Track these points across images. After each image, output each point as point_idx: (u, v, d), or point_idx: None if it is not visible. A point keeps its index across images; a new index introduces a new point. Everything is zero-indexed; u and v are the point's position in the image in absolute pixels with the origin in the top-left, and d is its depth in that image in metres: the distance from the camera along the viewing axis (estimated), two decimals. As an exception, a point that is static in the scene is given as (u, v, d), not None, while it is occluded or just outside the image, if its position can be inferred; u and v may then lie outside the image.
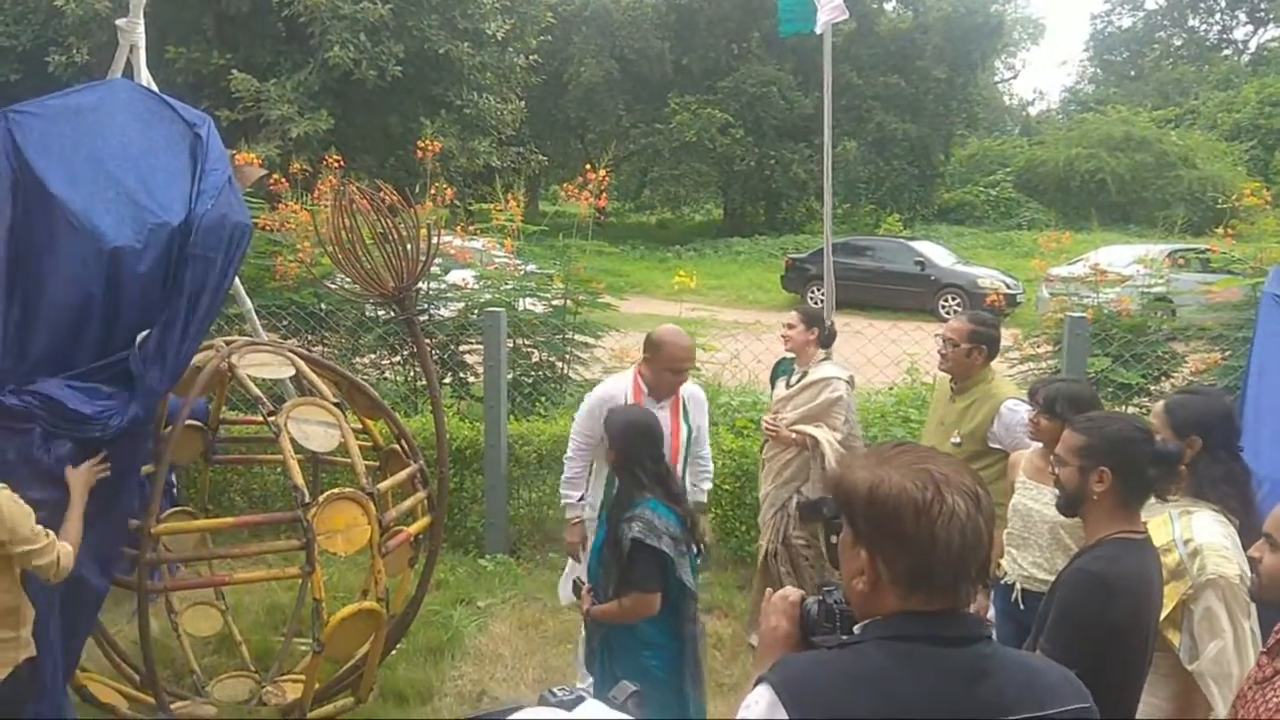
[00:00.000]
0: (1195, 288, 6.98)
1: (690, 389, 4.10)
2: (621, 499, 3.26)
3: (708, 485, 4.35)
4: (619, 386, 4.02)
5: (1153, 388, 6.25)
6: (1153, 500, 2.51)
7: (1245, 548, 2.51)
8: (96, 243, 2.81)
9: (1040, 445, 3.20)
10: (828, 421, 4.46)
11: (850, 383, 4.62)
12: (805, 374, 4.55)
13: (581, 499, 4.10)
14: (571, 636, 4.64)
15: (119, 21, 5.55)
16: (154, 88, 4.94)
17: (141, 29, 5.63)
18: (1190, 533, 2.51)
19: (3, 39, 22.76)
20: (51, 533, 2.63)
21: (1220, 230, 6.65)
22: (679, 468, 3.88)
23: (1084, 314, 5.53)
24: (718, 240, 28.49)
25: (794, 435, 4.43)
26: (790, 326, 4.56)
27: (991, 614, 3.42)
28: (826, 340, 4.68)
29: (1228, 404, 2.77)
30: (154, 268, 2.94)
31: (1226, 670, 2.36)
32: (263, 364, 3.72)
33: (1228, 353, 5.98)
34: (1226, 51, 44.05)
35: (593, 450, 4.01)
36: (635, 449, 3.25)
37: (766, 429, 4.58)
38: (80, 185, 2.90)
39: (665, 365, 3.84)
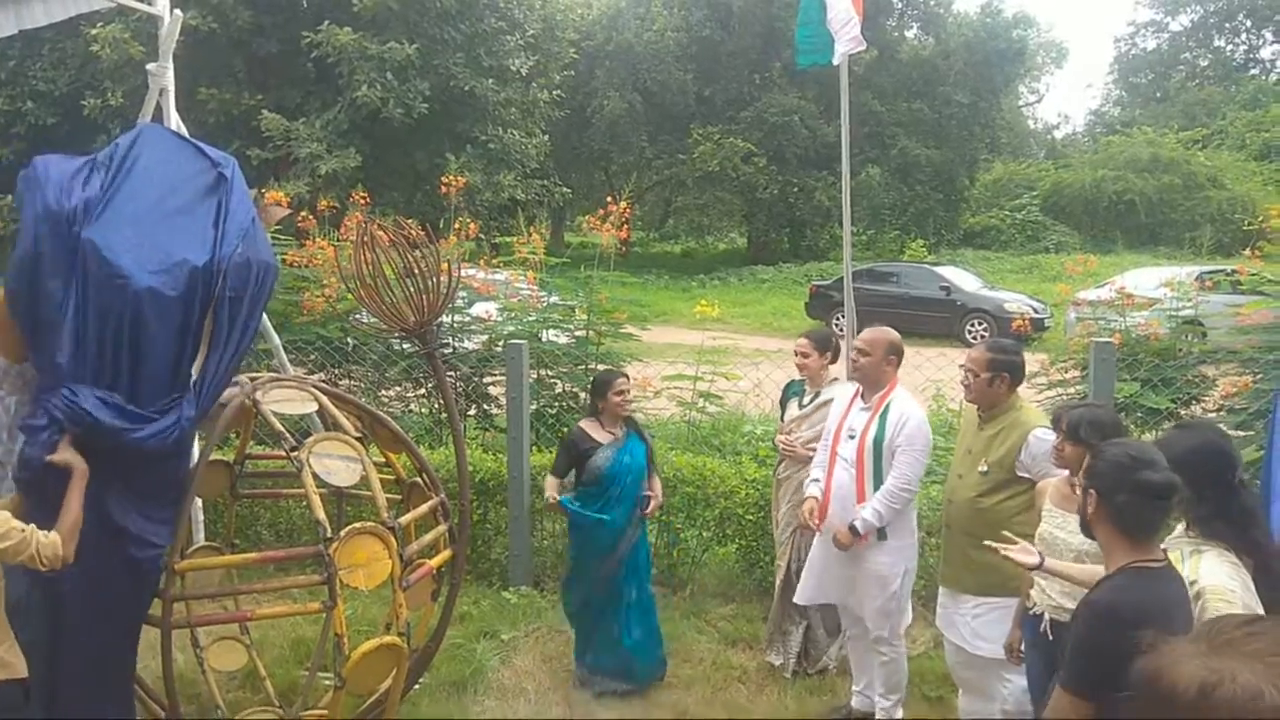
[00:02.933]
0: (1224, 310, 6.88)
1: (911, 413, 3.99)
2: None
3: (866, 509, 3.97)
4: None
5: (1182, 412, 6.15)
6: (1175, 534, 2.47)
7: (1260, 587, 2.45)
8: (119, 282, 2.85)
9: (1066, 472, 3.17)
10: None
11: None
12: (818, 394, 4.67)
13: None
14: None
15: (149, 66, 5.71)
16: (183, 130, 5.05)
17: (171, 73, 5.78)
18: (1197, 573, 2.45)
19: (40, 84, 23.36)
20: (29, 526, 2.62)
21: (1247, 251, 6.56)
22: (867, 469, 4.01)
23: (1110, 338, 5.46)
24: (742, 268, 28.57)
25: (810, 453, 4.54)
26: (805, 355, 4.67)
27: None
28: (835, 357, 4.80)
29: (1214, 439, 2.68)
30: (176, 308, 2.97)
31: None
32: (286, 399, 3.74)
33: (1259, 376, 5.88)
34: (1254, 71, 43.70)
35: None
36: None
37: (783, 448, 4.65)
38: (103, 226, 2.95)
39: None
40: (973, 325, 17.62)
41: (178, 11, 5.74)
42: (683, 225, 33.63)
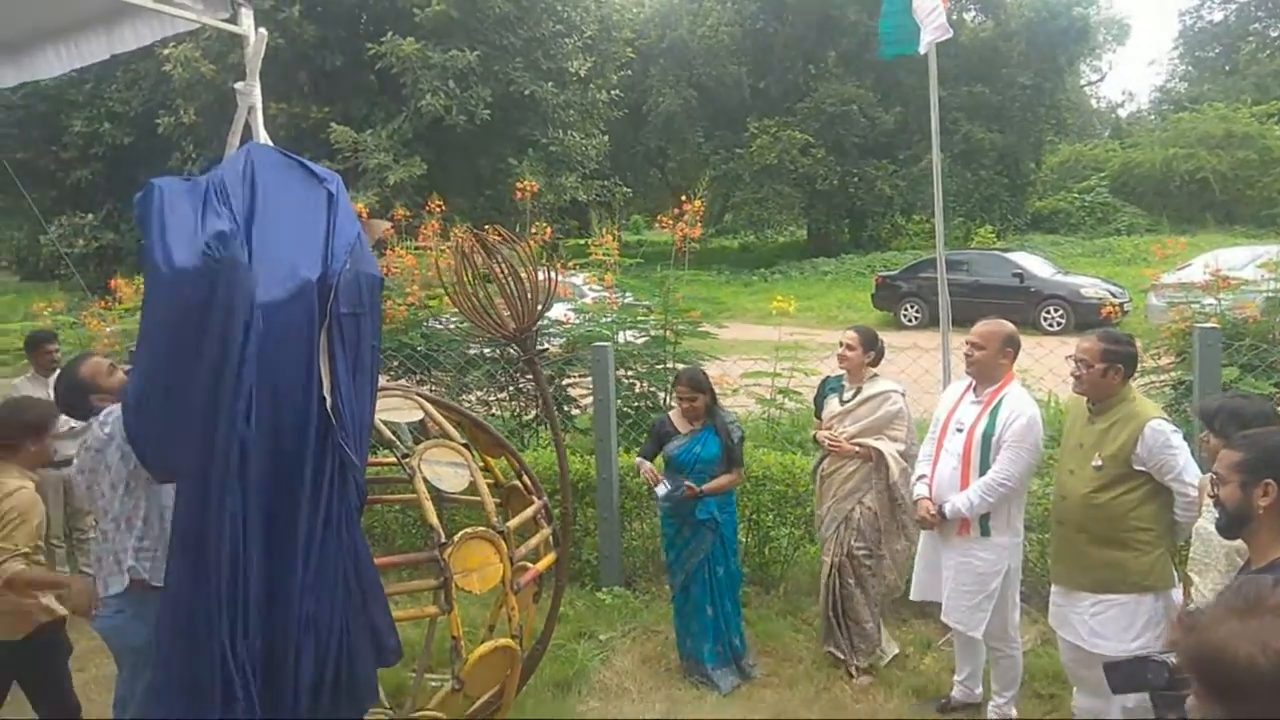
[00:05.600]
0: (1327, 289, 6.61)
1: (1024, 409, 3.92)
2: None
3: (960, 496, 3.97)
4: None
5: (1283, 398, 5.95)
6: None
7: None
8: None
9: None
10: (889, 433, 4.61)
11: (904, 395, 4.73)
12: (859, 389, 4.67)
13: None
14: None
15: (237, 85, 5.86)
16: (270, 144, 5.18)
17: (258, 91, 5.93)
18: None
19: (117, 104, 24.18)
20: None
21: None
22: (973, 463, 3.96)
23: (1210, 323, 5.31)
24: (803, 261, 28.34)
25: (855, 449, 4.57)
26: (850, 349, 4.67)
27: None
28: (877, 359, 4.77)
29: None
30: (294, 324, 3.01)
31: None
32: (393, 408, 3.83)
33: (1366, 358, 5.65)
34: (1330, 39, 41.97)
35: None
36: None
37: (829, 444, 4.65)
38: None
39: None
40: (1048, 312, 17.21)
41: (262, 30, 5.87)
42: (741, 220, 33.36)
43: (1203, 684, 1.04)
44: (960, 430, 4.04)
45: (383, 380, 5.81)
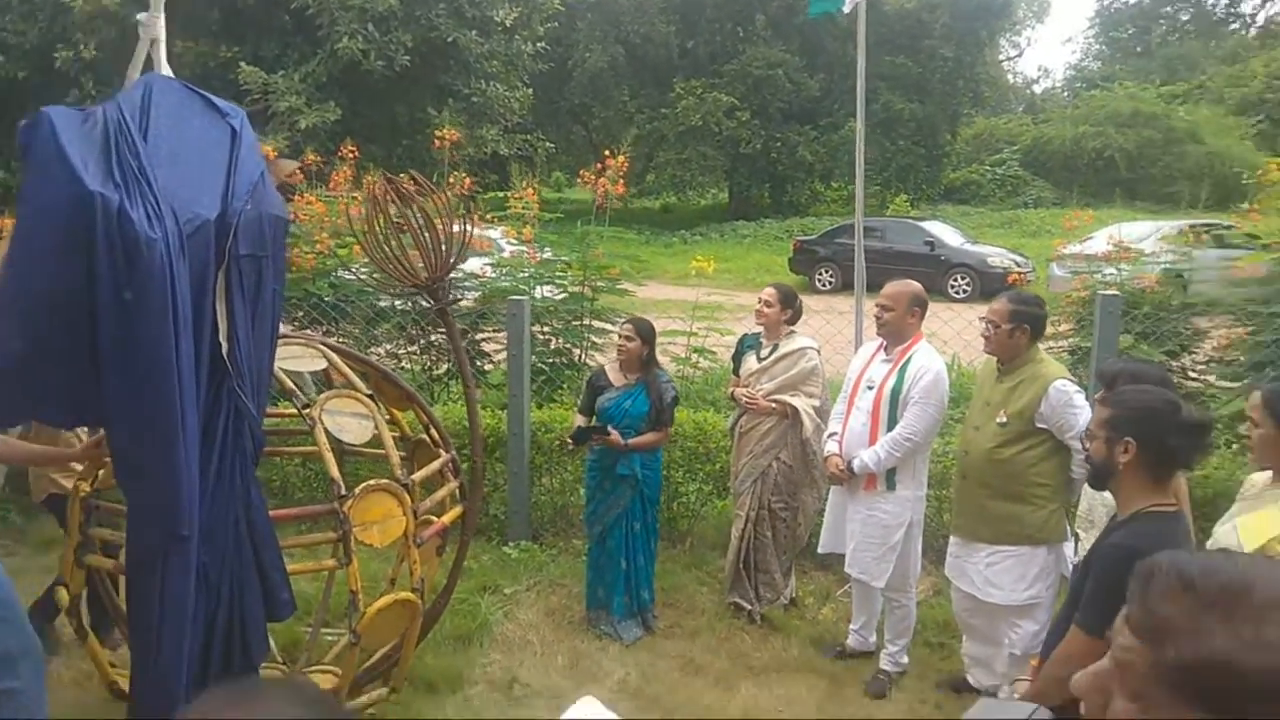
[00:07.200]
0: (1217, 263, 6.93)
1: (931, 366, 4.03)
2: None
3: (867, 451, 4.10)
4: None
5: (1173, 364, 6.23)
6: (1258, 485, 2.52)
7: None
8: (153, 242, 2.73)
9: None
10: (804, 390, 4.71)
11: (819, 352, 4.85)
12: (776, 346, 4.76)
13: None
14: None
15: (140, 16, 5.51)
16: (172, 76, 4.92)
17: (162, 24, 5.60)
18: None
19: (10, 36, 22.63)
20: None
21: (1245, 205, 6.60)
22: (881, 419, 4.07)
23: (1112, 291, 5.50)
24: (723, 224, 28.43)
25: (773, 405, 4.67)
26: (769, 305, 4.76)
27: None
28: (795, 318, 4.85)
29: None
30: (189, 263, 2.87)
31: None
32: (294, 357, 3.71)
33: (1252, 328, 5.94)
34: (1234, 25, 43.69)
35: None
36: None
37: (746, 401, 4.72)
38: (112, 181, 2.84)
39: None
40: (956, 280, 17.66)
41: (167, -41, 5.56)
42: (663, 180, 33.28)
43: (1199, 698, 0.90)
44: (871, 388, 4.14)
45: (285, 330, 5.65)
